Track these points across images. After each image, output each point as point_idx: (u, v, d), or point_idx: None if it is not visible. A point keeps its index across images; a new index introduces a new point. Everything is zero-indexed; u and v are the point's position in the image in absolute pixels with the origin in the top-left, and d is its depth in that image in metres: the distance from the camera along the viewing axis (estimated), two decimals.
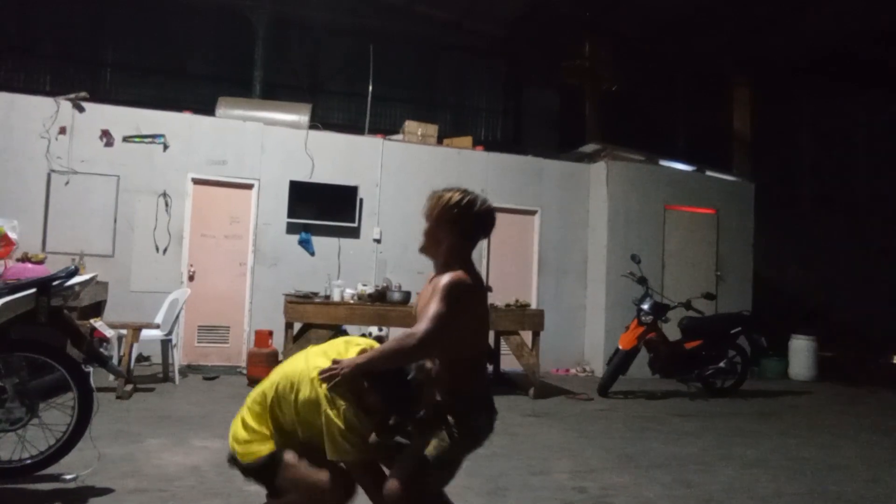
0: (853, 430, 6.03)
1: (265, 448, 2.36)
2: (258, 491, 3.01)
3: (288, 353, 6.15)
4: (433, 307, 2.15)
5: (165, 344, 6.54)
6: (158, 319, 6.59)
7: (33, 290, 3.26)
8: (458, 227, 2.27)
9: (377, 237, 8.35)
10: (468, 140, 9.36)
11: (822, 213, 12.84)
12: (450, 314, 2.14)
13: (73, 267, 3.52)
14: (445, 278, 2.20)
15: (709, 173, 9.89)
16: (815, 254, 11.87)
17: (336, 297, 6.66)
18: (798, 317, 10.09)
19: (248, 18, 10.53)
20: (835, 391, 8.48)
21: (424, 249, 2.35)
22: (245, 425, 2.43)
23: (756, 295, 9.54)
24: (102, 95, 9.27)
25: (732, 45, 11.25)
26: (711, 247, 9.42)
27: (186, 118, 7.97)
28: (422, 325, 2.13)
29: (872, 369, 10.11)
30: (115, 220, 7.51)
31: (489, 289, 8.53)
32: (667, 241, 9.17)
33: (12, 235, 6.93)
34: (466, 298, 2.21)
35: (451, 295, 2.16)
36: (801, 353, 9.46)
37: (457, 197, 2.27)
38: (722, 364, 7.51)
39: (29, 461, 3.38)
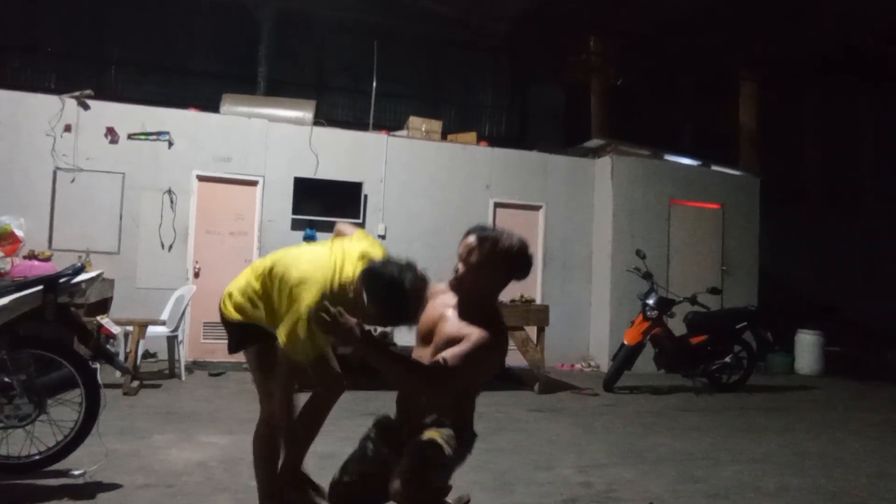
0: (860, 425, 6.01)
1: (237, 316, 2.65)
2: None
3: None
4: (462, 360, 2.06)
5: (171, 340, 6.57)
6: (164, 316, 6.62)
7: (40, 288, 3.28)
8: (504, 275, 2.22)
9: (382, 233, 8.35)
10: (472, 136, 9.36)
11: (828, 207, 12.78)
12: (474, 372, 2.12)
13: (79, 264, 3.54)
14: (480, 335, 2.11)
15: (714, 168, 9.86)
16: (822, 248, 11.82)
17: None
18: (804, 312, 10.05)
19: (253, 15, 10.53)
20: (841, 386, 8.45)
21: (458, 288, 2.25)
22: (244, 286, 2.67)
23: (762, 290, 9.51)
24: (107, 93, 9.28)
25: (738, 42, 11.18)
26: (717, 242, 9.40)
27: (191, 115, 7.99)
28: (449, 374, 2.05)
29: (879, 364, 10.07)
30: (121, 218, 7.54)
31: None
32: (672, 235, 9.15)
33: (19, 233, 6.96)
34: (492, 359, 2.17)
35: (482, 357, 2.10)
36: (807, 348, 9.43)
37: (506, 245, 2.18)
38: (728, 359, 7.48)
39: (37, 457, 3.40)
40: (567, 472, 4.04)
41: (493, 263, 2.16)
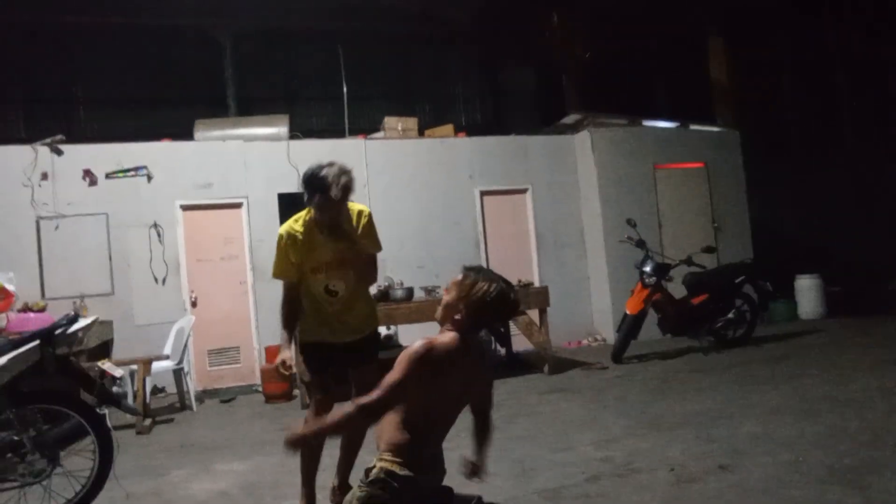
0: (867, 362, 6.05)
1: None
2: None
3: (300, 365, 6.14)
4: (383, 384, 2.12)
5: (178, 373, 6.55)
6: (167, 350, 6.60)
7: (36, 343, 3.27)
8: (479, 315, 2.25)
9: None
10: (449, 128, 9.32)
11: (810, 151, 12.80)
12: (401, 384, 2.10)
13: (73, 313, 3.53)
14: (402, 354, 2.15)
15: (693, 127, 9.86)
16: (809, 192, 11.85)
17: None
18: (800, 257, 10.08)
19: (215, 38, 10.44)
20: (845, 325, 8.51)
21: (441, 320, 2.31)
22: None
23: (756, 242, 9.54)
24: (79, 134, 9.23)
25: None
26: (705, 200, 9.42)
27: (166, 146, 7.95)
28: (373, 394, 2.11)
29: (881, 298, 10.11)
30: (110, 258, 7.50)
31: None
32: (660, 200, 9.17)
33: (9, 288, 6.89)
34: (410, 366, 2.11)
35: (397, 370, 2.12)
36: (808, 292, 9.49)
37: (489, 288, 2.23)
38: (730, 315, 7.52)
39: None
40: (586, 449, 4.06)
41: (470, 301, 2.22)
